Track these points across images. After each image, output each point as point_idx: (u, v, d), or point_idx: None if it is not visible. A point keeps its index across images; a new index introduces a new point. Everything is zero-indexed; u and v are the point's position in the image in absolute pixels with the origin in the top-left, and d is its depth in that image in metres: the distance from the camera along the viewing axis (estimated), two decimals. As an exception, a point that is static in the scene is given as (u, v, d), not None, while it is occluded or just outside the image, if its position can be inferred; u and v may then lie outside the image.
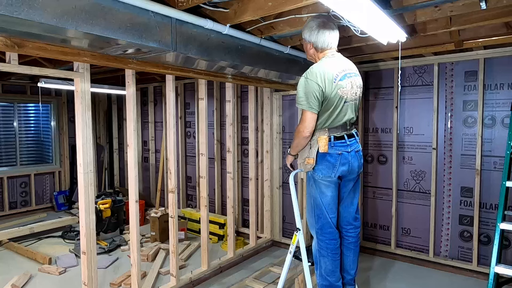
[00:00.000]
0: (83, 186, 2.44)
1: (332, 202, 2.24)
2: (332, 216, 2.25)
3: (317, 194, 2.25)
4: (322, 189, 2.23)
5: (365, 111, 4.00)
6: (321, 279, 2.32)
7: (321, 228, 2.25)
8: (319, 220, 2.25)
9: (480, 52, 3.29)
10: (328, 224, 2.24)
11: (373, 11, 1.80)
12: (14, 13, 1.39)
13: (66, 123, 6.09)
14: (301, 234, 2.38)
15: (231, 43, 2.49)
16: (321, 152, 2.16)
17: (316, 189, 2.25)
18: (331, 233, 2.25)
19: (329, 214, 2.24)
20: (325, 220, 2.23)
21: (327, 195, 2.23)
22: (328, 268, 2.26)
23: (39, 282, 3.40)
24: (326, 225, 2.24)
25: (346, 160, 2.20)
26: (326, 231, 2.24)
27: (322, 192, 2.23)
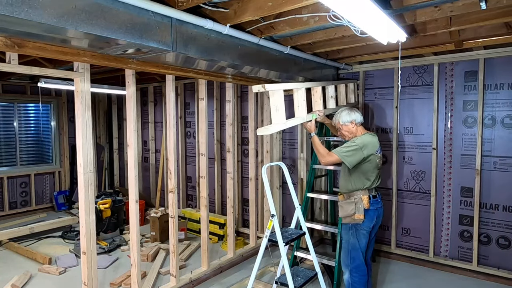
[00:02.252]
0: (83, 186, 2.44)
1: (366, 246, 2.73)
2: (363, 257, 2.72)
3: (355, 241, 2.68)
4: (361, 237, 2.68)
5: (365, 111, 4.00)
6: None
7: (356, 267, 2.69)
8: (354, 261, 2.69)
9: (480, 52, 3.29)
10: (362, 263, 2.69)
11: (373, 11, 1.80)
12: (14, 13, 1.39)
13: (66, 123, 6.09)
14: (275, 220, 2.64)
15: (231, 43, 2.49)
16: (366, 209, 2.65)
17: (356, 237, 2.68)
18: (363, 270, 2.70)
19: (362, 256, 2.70)
20: (360, 261, 2.68)
21: (363, 242, 2.69)
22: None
23: (39, 282, 3.40)
24: (360, 265, 2.69)
25: (379, 213, 2.73)
26: (360, 269, 2.69)
27: (360, 239, 2.68)
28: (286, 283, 2.60)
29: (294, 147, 4.37)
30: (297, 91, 2.83)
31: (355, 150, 2.60)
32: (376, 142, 2.71)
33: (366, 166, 2.64)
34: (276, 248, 2.82)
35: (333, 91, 3.34)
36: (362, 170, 2.66)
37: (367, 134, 2.73)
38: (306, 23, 2.40)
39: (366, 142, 2.63)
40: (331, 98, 3.30)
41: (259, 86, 2.48)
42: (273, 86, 2.54)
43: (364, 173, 2.66)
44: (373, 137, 2.72)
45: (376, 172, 2.71)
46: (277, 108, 2.57)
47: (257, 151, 4.17)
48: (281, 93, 2.58)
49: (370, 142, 2.64)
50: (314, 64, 3.48)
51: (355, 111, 2.76)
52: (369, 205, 2.64)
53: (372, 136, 2.73)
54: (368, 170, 2.66)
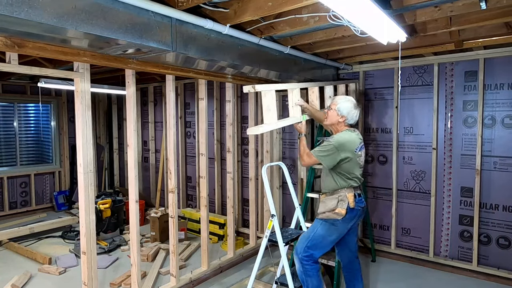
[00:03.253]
0: (83, 186, 2.44)
1: (331, 245, 2.61)
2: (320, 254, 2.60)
3: (323, 233, 2.56)
4: (332, 232, 2.55)
5: (365, 111, 4.00)
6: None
7: (310, 256, 2.57)
8: (308, 250, 2.56)
9: (480, 52, 3.29)
10: (314, 258, 2.57)
11: (373, 11, 1.80)
12: (14, 13, 1.39)
13: (66, 123, 6.09)
14: (275, 220, 2.63)
15: (231, 43, 2.49)
16: (350, 207, 2.53)
17: (326, 230, 2.56)
18: (316, 261, 2.61)
19: (320, 252, 2.59)
20: (314, 254, 2.56)
21: (332, 238, 2.57)
22: (315, 285, 2.59)
23: (39, 282, 3.40)
24: (311, 257, 2.56)
25: (360, 213, 2.62)
26: (314, 259, 2.57)
27: (329, 234, 2.56)
28: (286, 283, 2.60)
29: (294, 147, 4.37)
30: (291, 91, 2.82)
31: (331, 150, 2.49)
32: (356, 139, 2.58)
33: (347, 165, 2.54)
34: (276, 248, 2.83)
35: (332, 91, 3.34)
36: (344, 169, 2.55)
37: (346, 131, 2.62)
38: (306, 23, 2.40)
39: (343, 141, 2.52)
40: (330, 98, 3.29)
41: (249, 86, 2.46)
42: (264, 87, 2.52)
43: (346, 172, 2.56)
44: (352, 133, 2.61)
45: (359, 170, 2.61)
46: (269, 108, 2.56)
47: (257, 151, 4.17)
48: (273, 94, 2.57)
49: (347, 141, 2.53)
50: (314, 64, 3.48)
51: (355, 111, 2.64)
52: (355, 204, 2.53)
53: (351, 132, 2.61)
54: (350, 169, 2.56)
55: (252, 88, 2.45)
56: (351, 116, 2.63)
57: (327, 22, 2.27)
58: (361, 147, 2.62)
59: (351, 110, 2.62)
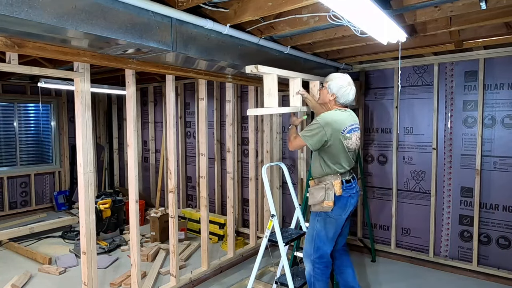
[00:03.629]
0: (83, 186, 2.44)
1: (334, 237, 2.51)
2: (330, 248, 2.52)
3: (322, 229, 2.47)
4: (329, 226, 2.46)
5: (365, 111, 4.00)
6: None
7: (319, 257, 2.49)
8: (318, 250, 2.49)
9: (480, 52, 3.29)
10: (326, 254, 2.50)
11: (373, 11, 1.80)
12: (14, 13, 1.39)
13: (66, 123, 6.09)
14: (275, 220, 2.63)
15: (231, 43, 2.49)
16: (337, 195, 2.41)
17: (324, 225, 2.47)
18: (327, 262, 2.52)
19: (329, 246, 2.50)
20: (324, 252, 2.49)
21: (331, 231, 2.47)
22: None
23: (39, 282, 3.40)
24: (324, 255, 2.50)
25: (353, 201, 2.50)
26: (323, 260, 2.50)
27: (328, 228, 2.46)
28: (286, 283, 2.60)
29: (294, 147, 4.37)
30: (293, 80, 2.79)
31: (316, 129, 2.36)
32: (345, 119, 2.42)
33: (334, 148, 2.39)
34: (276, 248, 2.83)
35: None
36: (331, 153, 2.41)
37: (336, 110, 2.47)
38: (306, 23, 2.40)
39: (330, 120, 2.37)
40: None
41: (252, 66, 2.40)
42: (267, 69, 2.47)
43: (333, 156, 2.42)
44: (343, 113, 2.45)
45: (348, 155, 2.45)
46: (270, 93, 2.54)
47: (257, 151, 4.17)
48: (274, 77, 2.53)
49: (335, 120, 2.38)
50: (314, 64, 3.47)
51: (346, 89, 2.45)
52: (341, 191, 2.40)
53: (342, 112, 2.45)
54: (337, 153, 2.41)
55: (254, 68, 2.39)
56: (342, 94, 2.46)
57: (327, 22, 2.27)
58: (352, 129, 2.45)
59: (342, 87, 2.46)
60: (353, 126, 2.48)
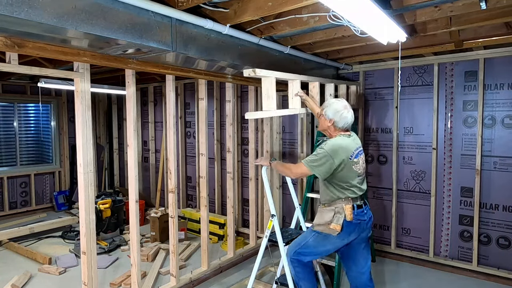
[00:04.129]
0: (83, 186, 2.44)
1: (325, 253, 2.47)
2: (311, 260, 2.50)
3: (315, 244, 2.40)
4: (326, 246, 2.38)
5: (365, 111, 4.00)
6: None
7: (298, 260, 2.46)
8: (299, 255, 2.44)
9: (480, 52, 3.29)
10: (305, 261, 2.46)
11: (373, 11, 1.80)
12: (14, 13, 1.39)
13: (66, 123, 6.09)
14: (276, 220, 2.62)
15: (231, 43, 2.49)
16: (347, 221, 2.31)
17: (318, 241, 2.38)
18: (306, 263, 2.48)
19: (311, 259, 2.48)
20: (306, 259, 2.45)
21: (325, 248, 2.40)
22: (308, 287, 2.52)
23: (39, 282, 3.40)
24: (304, 260, 2.46)
25: (361, 229, 2.38)
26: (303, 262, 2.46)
27: (323, 246, 2.39)
28: (286, 283, 2.61)
29: (294, 147, 4.37)
30: (292, 82, 2.79)
31: (324, 158, 2.27)
32: (351, 145, 2.35)
33: (342, 174, 2.31)
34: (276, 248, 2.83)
35: (332, 89, 3.33)
36: (338, 179, 2.33)
37: (340, 136, 2.39)
38: (306, 23, 2.40)
39: (336, 148, 2.29)
40: (330, 96, 3.28)
41: (250, 70, 2.40)
42: (265, 72, 2.47)
43: (341, 182, 2.34)
44: (347, 139, 2.38)
45: (357, 179, 2.36)
46: (268, 96, 2.54)
47: (257, 151, 4.17)
48: (272, 81, 2.54)
49: (341, 146, 2.30)
50: (314, 64, 3.48)
51: (344, 113, 2.39)
52: (352, 216, 2.30)
53: (347, 138, 2.38)
54: (346, 177, 2.33)
55: (252, 71, 2.39)
56: (339, 118, 2.38)
57: (327, 22, 2.27)
58: (358, 153, 2.39)
59: (338, 111, 2.38)
60: (358, 150, 2.42)
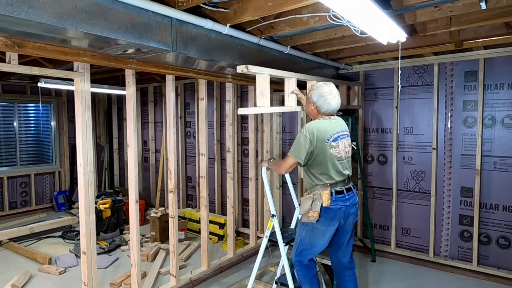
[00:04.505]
0: (83, 186, 2.44)
1: (320, 248, 2.43)
2: (311, 256, 2.48)
3: (307, 238, 2.41)
4: (316, 236, 2.39)
5: (365, 111, 4.00)
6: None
7: (300, 261, 2.47)
8: (299, 255, 2.46)
9: (480, 52, 3.29)
10: (306, 260, 2.46)
11: (373, 11, 1.80)
12: (14, 13, 1.39)
13: (66, 123, 6.09)
14: (276, 220, 2.62)
15: (231, 43, 2.49)
16: (324, 206, 2.31)
17: (309, 234, 2.40)
18: (307, 265, 2.48)
19: (310, 255, 2.47)
20: (304, 258, 2.46)
21: (318, 242, 2.40)
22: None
23: (39, 282, 3.40)
24: (304, 260, 2.46)
25: (344, 214, 2.37)
26: (304, 264, 2.47)
27: (315, 238, 2.39)
28: (286, 283, 2.61)
29: (294, 147, 4.37)
30: (288, 80, 2.78)
31: (302, 140, 2.30)
32: (330, 127, 2.34)
33: (320, 158, 2.31)
34: (276, 248, 2.83)
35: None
36: (317, 164, 2.33)
37: (321, 119, 2.39)
38: (306, 23, 2.40)
39: (312, 129, 2.30)
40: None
41: (243, 66, 2.40)
42: (258, 69, 2.47)
43: (320, 167, 2.33)
44: (327, 121, 2.37)
45: (337, 164, 2.34)
46: (262, 93, 2.55)
47: (257, 151, 4.17)
48: (266, 78, 2.54)
49: (318, 129, 2.30)
50: (314, 64, 3.47)
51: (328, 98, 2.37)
52: (330, 202, 2.29)
53: (326, 121, 2.37)
54: (324, 163, 2.31)
55: (245, 68, 2.38)
56: (322, 103, 2.37)
57: (327, 22, 2.27)
58: (338, 137, 2.36)
59: (322, 96, 2.38)
60: (340, 134, 2.39)
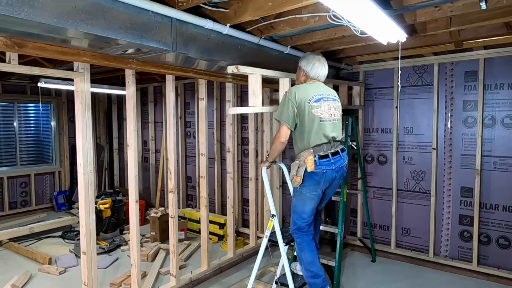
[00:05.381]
0: (83, 186, 2.44)
1: (311, 212, 2.52)
2: (309, 221, 2.54)
3: (299, 204, 2.52)
4: (306, 201, 2.48)
5: (365, 111, 4.00)
6: (306, 272, 2.58)
7: (297, 229, 2.56)
8: (295, 223, 2.56)
9: (480, 52, 3.29)
10: (302, 226, 2.55)
11: (373, 11, 1.80)
12: (14, 13, 1.39)
13: (66, 123, 6.09)
14: (276, 220, 2.64)
15: (231, 43, 2.49)
16: (309, 171, 2.38)
17: (300, 200, 2.50)
18: (307, 232, 2.57)
19: (305, 220, 2.53)
20: (300, 225, 2.54)
21: (309, 206, 2.49)
22: (308, 260, 2.55)
23: (39, 282, 3.40)
24: (301, 227, 2.55)
25: (330, 177, 2.45)
26: (302, 231, 2.56)
27: (305, 203, 2.49)
28: (286, 283, 2.61)
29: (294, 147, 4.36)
30: (282, 80, 2.80)
31: (286, 103, 2.37)
32: (311, 90, 2.40)
33: (304, 121, 2.36)
34: (276, 248, 2.83)
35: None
36: (302, 127, 2.38)
37: (306, 83, 2.49)
38: (306, 23, 2.40)
39: (294, 91, 2.38)
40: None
41: (233, 66, 2.45)
42: (249, 69, 2.51)
43: (304, 130, 2.38)
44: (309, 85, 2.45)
45: (321, 126, 2.38)
46: (254, 93, 2.59)
47: (257, 151, 4.17)
48: (258, 78, 2.57)
49: (301, 90, 2.38)
50: (314, 64, 3.47)
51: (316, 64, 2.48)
52: (314, 167, 2.34)
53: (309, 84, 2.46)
54: (308, 125, 2.37)
55: (235, 68, 2.43)
56: (310, 68, 2.49)
57: (327, 22, 2.27)
58: (321, 98, 2.41)
59: (309, 62, 2.49)
60: (323, 96, 2.45)
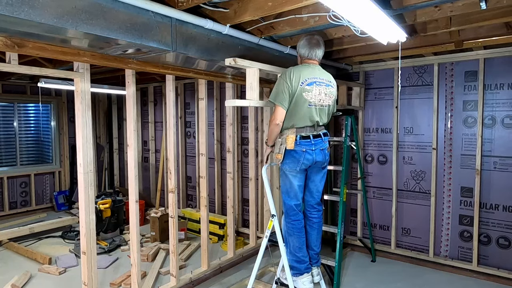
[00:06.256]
0: (83, 186, 2.44)
1: (298, 190, 2.59)
2: (297, 202, 2.61)
3: (285, 183, 2.61)
4: (290, 179, 2.57)
5: (365, 111, 4.00)
6: (291, 255, 2.65)
7: (287, 211, 2.63)
8: (284, 205, 2.64)
9: (480, 52, 3.29)
10: (291, 208, 2.60)
11: (373, 11, 1.80)
12: (14, 13, 1.39)
13: (66, 123, 6.09)
14: (276, 220, 2.65)
15: (231, 43, 2.49)
16: (288, 149, 2.47)
17: (285, 179, 2.60)
18: (295, 215, 2.61)
19: (294, 200, 2.60)
20: (289, 205, 2.60)
21: (293, 184, 2.57)
22: (295, 245, 2.61)
23: (39, 282, 3.40)
24: (290, 209, 2.61)
25: (309, 156, 2.51)
26: (291, 213, 2.61)
27: (290, 181, 2.58)
28: (286, 283, 2.61)
29: (294, 147, 4.37)
30: None
31: (280, 84, 2.41)
32: (306, 72, 2.43)
33: (294, 102, 2.41)
34: (276, 248, 2.83)
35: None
36: (291, 107, 2.43)
37: (302, 65, 2.52)
38: (306, 23, 2.40)
39: (289, 72, 2.42)
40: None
41: (231, 59, 2.45)
42: (247, 62, 2.51)
43: (292, 111, 2.44)
44: (304, 67, 2.48)
45: (308, 110, 2.44)
46: (251, 87, 2.60)
47: (257, 151, 4.17)
48: (256, 72, 2.58)
49: (296, 71, 2.41)
50: (314, 64, 3.47)
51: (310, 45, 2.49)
52: (293, 145, 2.43)
53: (304, 66, 2.49)
54: (297, 108, 2.42)
55: (233, 60, 2.43)
56: (305, 49, 2.51)
57: (327, 22, 2.27)
58: (313, 82, 2.44)
59: (305, 41, 2.51)
60: (317, 80, 2.47)
